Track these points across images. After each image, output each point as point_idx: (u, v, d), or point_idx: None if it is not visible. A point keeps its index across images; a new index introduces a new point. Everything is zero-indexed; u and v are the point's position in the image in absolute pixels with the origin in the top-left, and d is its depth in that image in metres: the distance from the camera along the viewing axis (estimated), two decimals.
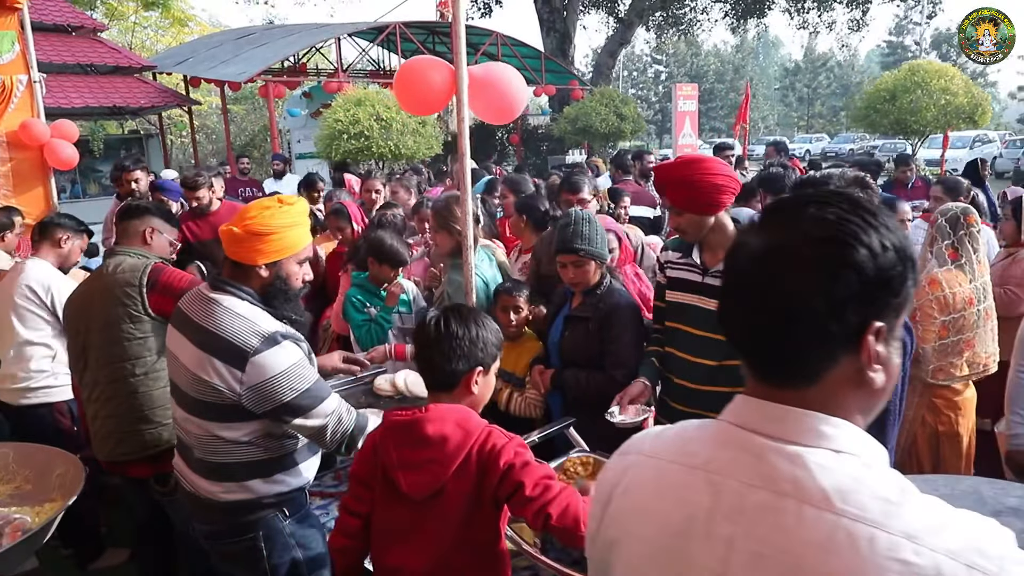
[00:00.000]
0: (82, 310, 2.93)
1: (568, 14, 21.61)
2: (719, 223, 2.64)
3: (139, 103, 14.33)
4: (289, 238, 2.18)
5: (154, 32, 28.66)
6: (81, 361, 2.96)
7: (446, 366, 1.81)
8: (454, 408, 1.80)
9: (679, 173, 2.58)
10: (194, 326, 2.14)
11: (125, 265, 2.90)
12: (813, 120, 53.59)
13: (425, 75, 3.15)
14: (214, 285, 2.19)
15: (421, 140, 10.60)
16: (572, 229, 2.94)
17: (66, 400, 3.68)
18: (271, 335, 2.07)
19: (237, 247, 2.15)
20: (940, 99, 10.16)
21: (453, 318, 1.83)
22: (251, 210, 2.15)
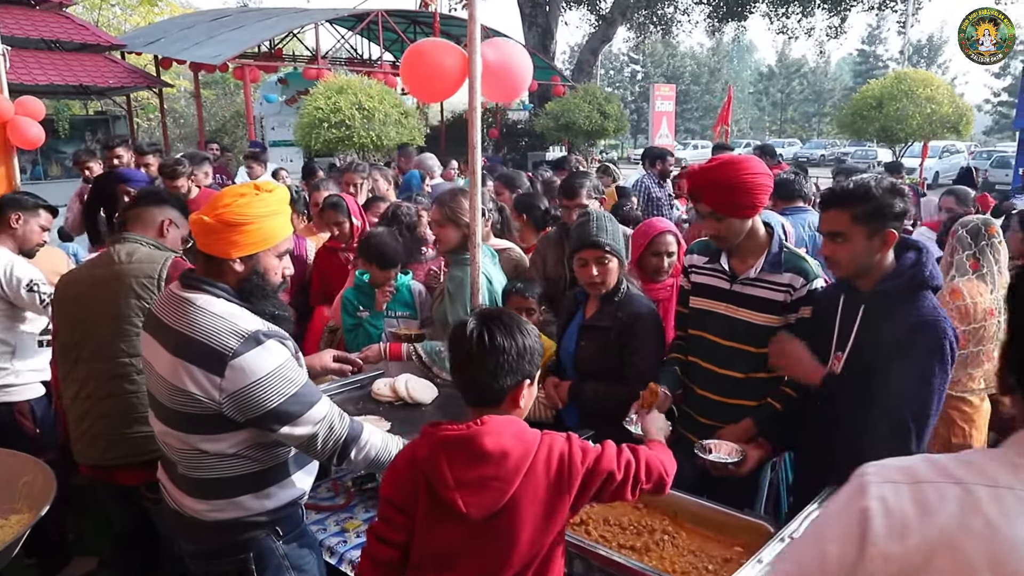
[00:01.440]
0: (83, 299, 2.66)
1: (551, 9, 21.47)
2: (753, 228, 2.49)
3: (107, 83, 13.82)
4: (267, 229, 1.96)
5: (122, 11, 27.86)
6: (73, 353, 2.68)
7: (493, 383, 1.62)
8: (508, 420, 1.63)
9: (720, 176, 2.41)
10: (167, 330, 1.92)
11: (141, 255, 2.65)
12: (786, 125, 54.28)
13: (436, 59, 2.95)
14: (186, 283, 1.96)
15: (404, 131, 10.35)
16: (595, 224, 2.76)
17: (28, 400, 3.40)
18: (252, 334, 1.85)
19: (209, 239, 1.92)
20: (926, 108, 10.23)
21: (497, 329, 1.63)
22: (224, 197, 1.93)
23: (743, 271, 2.53)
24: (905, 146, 11.08)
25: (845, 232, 2.15)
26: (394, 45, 17.89)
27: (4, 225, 3.43)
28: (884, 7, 20.54)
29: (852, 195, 2.15)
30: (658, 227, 3.31)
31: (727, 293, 2.58)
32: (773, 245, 2.50)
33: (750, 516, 2.20)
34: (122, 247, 2.67)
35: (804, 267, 2.46)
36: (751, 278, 2.51)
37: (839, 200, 2.17)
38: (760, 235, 2.51)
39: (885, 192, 2.13)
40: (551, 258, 3.77)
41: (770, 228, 2.55)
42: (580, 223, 2.84)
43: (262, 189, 1.96)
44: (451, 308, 3.25)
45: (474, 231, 3.11)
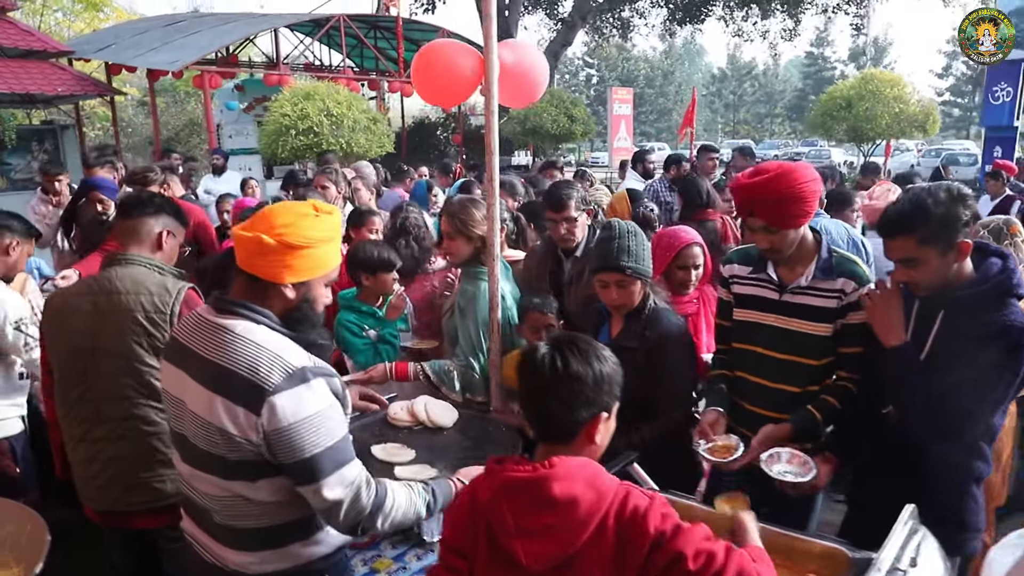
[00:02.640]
0: (85, 331, 2.38)
1: (510, 14, 21.40)
2: (803, 233, 2.39)
3: (55, 90, 13.18)
4: (324, 254, 1.79)
5: (64, 17, 26.86)
6: (76, 390, 2.41)
7: (567, 415, 1.47)
8: (582, 463, 1.46)
9: (773, 189, 2.28)
10: (198, 361, 1.72)
11: (149, 283, 2.39)
12: (739, 126, 55.28)
13: (451, 62, 2.78)
14: (221, 307, 1.76)
15: (373, 138, 10.10)
16: (616, 243, 2.60)
17: (7, 437, 3.10)
18: (298, 371, 1.65)
19: (262, 260, 1.72)
20: (894, 107, 10.43)
21: (572, 355, 1.47)
22: (282, 215, 1.73)
23: (792, 280, 2.42)
24: (873, 145, 11.30)
25: (916, 257, 2.05)
26: (353, 51, 17.55)
27: None
28: (838, 10, 21.01)
29: (912, 218, 2.03)
30: (684, 239, 3.17)
31: (777, 304, 2.46)
32: (822, 251, 2.40)
33: (824, 540, 2.07)
34: (123, 271, 2.41)
35: (856, 271, 2.36)
36: (802, 287, 2.40)
37: (901, 226, 2.05)
38: (808, 241, 2.40)
39: (945, 204, 2.02)
40: (536, 274, 3.60)
41: (817, 233, 2.45)
42: (602, 240, 2.67)
43: (321, 210, 1.78)
44: (461, 324, 3.08)
45: (492, 242, 2.94)
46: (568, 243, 3.32)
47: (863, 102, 10.61)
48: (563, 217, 3.26)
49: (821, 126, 11.49)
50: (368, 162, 9.83)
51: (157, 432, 2.38)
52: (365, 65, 18.51)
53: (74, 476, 2.50)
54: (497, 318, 2.97)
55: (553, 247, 3.46)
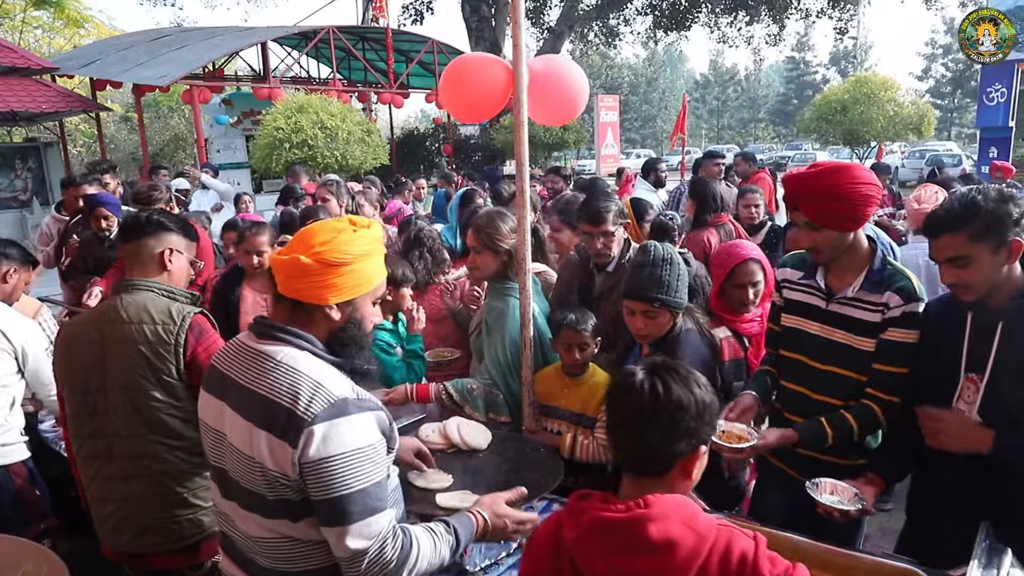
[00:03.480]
0: (92, 363, 2.25)
1: (497, 23, 21.36)
2: (855, 241, 2.30)
3: (39, 108, 13.00)
4: (368, 270, 1.69)
5: (44, 33, 26.58)
6: (87, 426, 2.28)
7: (666, 447, 1.36)
8: (678, 501, 1.36)
9: (821, 183, 2.21)
10: (238, 390, 1.61)
11: (153, 311, 2.25)
12: (723, 131, 55.65)
13: (480, 74, 2.69)
14: (261, 333, 1.66)
15: (368, 150, 9.99)
16: (649, 272, 2.50)
17: (23, 460, 2.97)
18: (339, 401, 1.53)
19: (302, 282, 1.62)
20: (889, 110, 10.46)
21: (673, 381, 1.38)
22: (319, 233, 1.63)
23: (840, 289, 2.33)
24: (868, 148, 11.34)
25: (967, 255, 1.96)
26: (341, 63, 17.45)
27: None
28: (822, 14, 21.17)
29: (963, 214, 1.96)
30: (739, 254, 2.96)
31: (822, 312, 2.38)
32: (875, 261, 2.30)
33: (893, 560, 1.98)
34: (129, 298, 2.28)
35: (905, 285, 2.25)
36: (848, 297, 2.32)
37: (950, 223, 1.98)
38: (862, 250, 2.31)
39: (996, 201, 1.96)
40: (566, 286, 3.52)
41: (874, 243, 2.35)
42: (637, 266, 2.56)
43: (359, 224, 1.67)
44: (488, 342, 2.97)
45: (523, 256, 2.85)
46: (603, 258, 3.22)
47: (857, 105, 10.65)
48: (600, 231, 3.16)
49: (816, 130, 11.53)
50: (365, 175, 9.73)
51: (170, 471, 2.25)
52: (353, 77, 18.42)
53: (91, 513, 2.38)
54: (529, 335, 2.87)
55: (586, 259, 3.36)
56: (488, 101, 2.71)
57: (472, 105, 2.74)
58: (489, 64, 2.70)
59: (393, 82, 15.11)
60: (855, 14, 22.26)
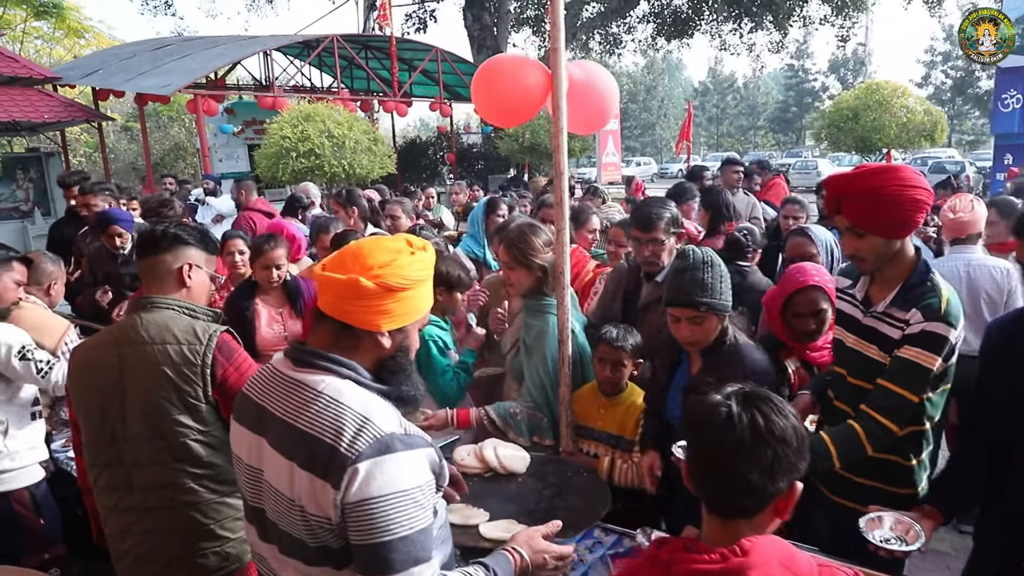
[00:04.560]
0: (112, 387, 2.10)
1: (499, 31, 21.32)
2: (900, 251, 2.16)
3: (42, 117, 12.86)
4: (422, 296, 1.57)
5: (45, 43, 26.51)
6: (105, 455, 2.13)
7: (765, 486, 1.23)
8: (774, 543, 1.23)
9: (866, 184, 2.08)
10: (276, 424, 1.47)
11: (176, 330, 2.11)
12: (722, 139, 55.66)
13: (516, 76, 2.56)
14: (301, 360, 1.51)
15: (375, 159, 9.87)
16: (690, 276, 2.36)
17: (27, 486, 2.83)
18: (386, 437, 1.38)
19: (356, 305, 1.47)
20: (901, 117, 10.37)
21: (772, 412, 1.24)
22: (378, 253, 1.49)
23: (879, 300, 2.21)
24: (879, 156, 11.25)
25: None
26: (344, 71, 17.36)
27: None
28: (825, 22, 21.15)
29: None
30: (797, 280, 2.74)
31: (859, 325, 2.27)
32: (913, 275, 2.15)
33: None
34: (149, 317, 2.13)
35: (932, 304, 2.07)
36: (879, 311, 2.19)
37: None
38: (905, 261, 2.17)
39: None
40: (610, 295, 3.39)
41: (919, 255, 2.21)
42: (677, 272, 2.43)
43: (415, 245, 1.54)
44: (528, 362, 2.83)
45: (561, 270, 2.71)
46: (652, 267, 3.09)
47: (869, 112, 10.55)
48: (649, 238, 3.02)
49: (827, 137, 11.43)
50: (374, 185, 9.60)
51: (196, 501, 2.10)
52: (355, 86, 18.33)
53: (109, 547, 2.22)
54: (568, 352, 2.73)
55: (636, 267, 3.23)
56: (524, 105, 2.58)
57: (507, 109, 2.61)
58: (526, 66, 2.58)
59: (397, 90, 15.01)
60: (857, 22, 22.27)
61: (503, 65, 2.64)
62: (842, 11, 20.26)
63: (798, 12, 20.37)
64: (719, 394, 1.29)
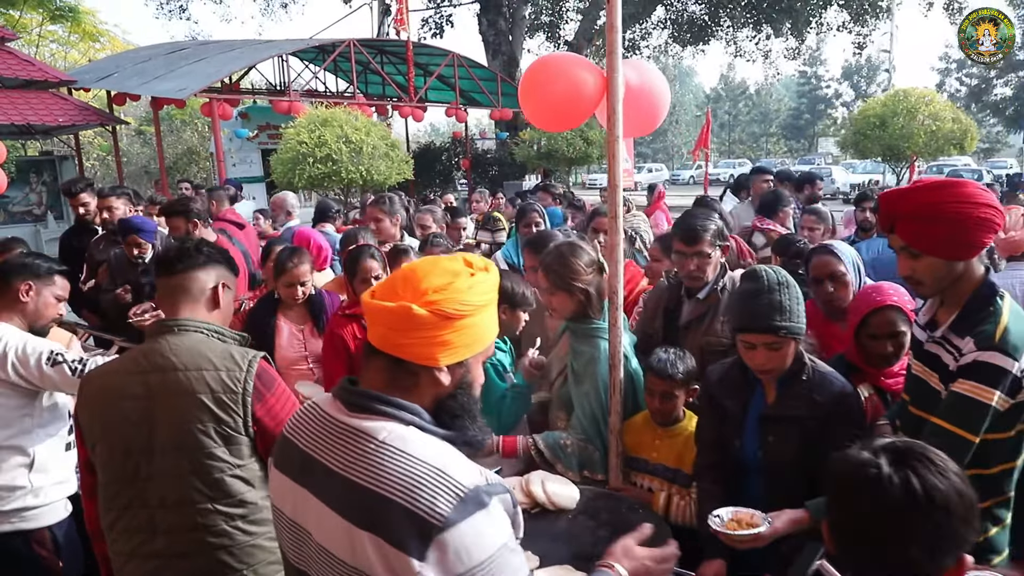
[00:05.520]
0: (135, 419, 1.91)
1: (514, 37, 21.20)
2: (966, 273, 1.96)
3: (56, 121, 12.80)
4: (484, 324, 1.36)
5: (60, 47, 26.59)
6: (126, 494, 1.93)
7: (929, 562, 1.03)
8: None
9: (922, 201, 1.89)
10: (330, 478, 1.28)
11: (211, 355, 1.93)
12: (734, 146, 55.38)
13: (569, 78, 2.37)
14: (354, 402, 1.31)
15: (392, 165, 9.71)
16: (767, 299, 2.14)
17: (48, 526, 2.62)
18: (471, 493, 1.20)
19: (410, 336, 1.28)
20: (930, 125, 10.14)
21: (931, 473, 1.04)
22: (432, 276, 1.30)
23: (944, 322, 2.02)
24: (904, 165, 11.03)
25: None
26: (359, 76, 17.25)
27: (11, 298, 2.66)
28: (843, 28, 20.94)
29: None
30: (874, 301, 2.54)
31: (921, 350, 2.09)
32: (973, 299, 1.95)
33: None
34: (178, 340, 1.94)
35: (987, 331, 1.88)
36: (937, 337, 2.01)
37: None
38: (969, 283, 1.97)
39: None
40: (651, 312, 3.19)
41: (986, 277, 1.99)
42: (748, 294, 2.20)
43: (475, 265, 1.34)
44: (577, 391, 2.62)
45: (615, 289, 2.52)
46: (696, 282, 2.89)
47: (897, 120, 10.32)
48: (694, 251, 2.82)
49: (855, 145, 11.19)
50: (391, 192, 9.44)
51: (228, 545, 1.91)
52: (370, 91, 18.22)
53: None
54: (619, 377, 2.53)
55: (677, 284, 3.04)
56: (576, 109, 2.40)
57: (558, 113, 2.42)
58: (580, 67, 2.39)
59: (413, 95, 14.88)
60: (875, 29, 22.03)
61: (555, 65, 2.45)
62: (860, 18, 20.03)
63: (817, 19, 20.16)
64: (866, 450, 1.09)
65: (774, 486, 2.23)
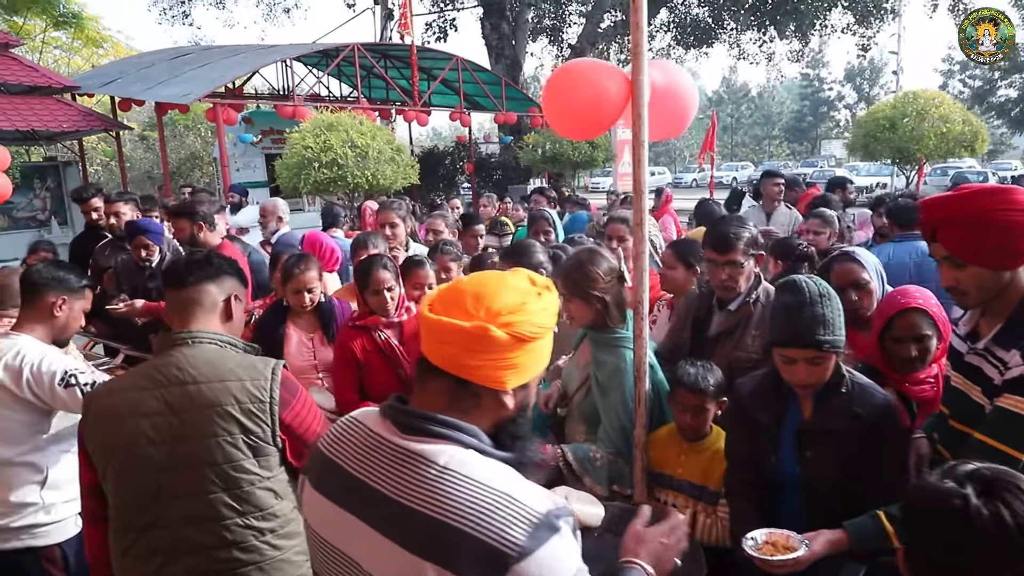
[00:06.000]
0: (157, 436, 1.82)
1: (517, 41, 21.16)
2: (1013, 282, 1.88)
3: (60, 127, 12.78)
4: (548, 344, 1.31)
5: (63, 53, 26.60)
6: (145, 517, 1.84)
7: None
8: None
9: (967, 208, 1.82)
10: (382, 504, 1.20)
11: (233, 366, 1.87)
12: (737, 148, 55.30)
13: (595, 84, 2.30)
14: (408, 425, 1.24)
15: (399, 169, 9.65)
16: (810, 313, 2.04)
17: (59, 543, 2.55)
18: (543, 518, 1.13)
19: (480, 358, 1.21)
20: (940, 128, 10.06)
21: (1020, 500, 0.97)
22: (504, 294, 1.23)
23: (986, 334, 1.95)
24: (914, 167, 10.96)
25: None
26: (362, 81, 17.22)
27: (41, 310, 2.61)
28: (847, 31, 20.88)
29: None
30: (899, 303, 2.46)
31: (962, 362, 2.01)
32: (1022, 309, 1.88)
33: None
34: (193, 353, 1.88)
35: None
36: (979, 349, 1.94)
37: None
38: (1017, 293, 1.89)
39: None
40: (680, 321, 3.11)
41: None
42: (789, 307, 2.09)
43: (538, 283, 1.28)
44: (604, 403, 2.54)
45: (640, 299, 2.44)
46: (728, 292, 2.81)
47: (907, 122, 10.24)
48: (726, 260, 2.74)
49: (864, 147, 11.11)
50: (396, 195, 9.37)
51: (259, 561, 1.84)
52: (373, 95, 18.18)
53: None
54: (644, 389, 2.45)
55: (707, 294, 2.96)
56: (602, 116, 2.32)
57: (583, 120, 2.35)
58: (606, 73, 2.32)
59: (418, 99, 14.83)
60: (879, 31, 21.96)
61: (580, 71, 2.38)
62: (865, 20, 19.96)
63: (821, 21, 20.11)
64: (949, 478, 1.02)
65: (812, 502, 2.16)
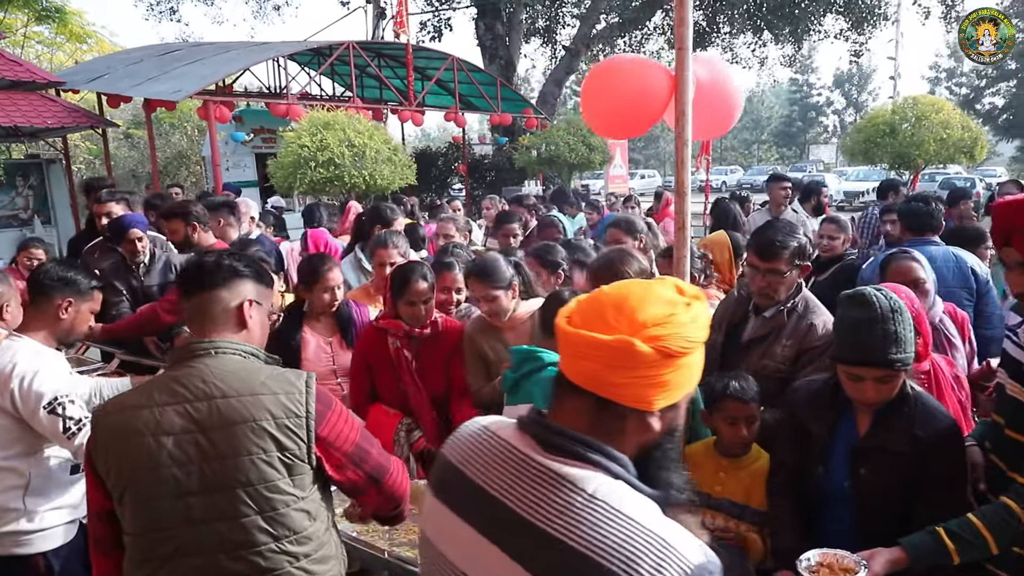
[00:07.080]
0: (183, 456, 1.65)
1: (511, 42, 21.03)
2: None
3: (45, 123, 12.47)
4: (700, 359, 1.19)
5: (46, 48, 26.16)
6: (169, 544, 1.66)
7: None
8: None
9: None
10: (518, 525, 1.10)
11: (264, 378, 1.72)
12: (726, 153, 55.46)
13: (638, 81, 2.16)
14: (553, 444, 1.14)
15: (396, 170, 9.49)
16: (882, 330, 1.92)
17: (44, 552, 2.43)
18: (697, 570, 1.03)
19: (626, 375, 1.10)
20: (939, 133, 10.07)
21: None
22: (649, 305, 1.12)
23: None
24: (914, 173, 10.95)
25: None
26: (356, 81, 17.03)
27: (48, 313, 2.53)
28: (840, 36, 20.94)
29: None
30: None
31: (1020, 370, 1.94)
32: None
33: None
34: (217, 364, 1.72)
35: None
36: None
37: None
38: None
39: None
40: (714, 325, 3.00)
41: None
42: (858, 323, 1.97)
43: (687, 293, 1.17)
44: None
45: None
46: (766, 300, 2.70)
47: (907, 127, 10.24)
48: (768, 268, 2.62)
49: (863, 153, 11.09)
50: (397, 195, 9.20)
51: None
52: (366, 95, 17.98)
53: None
54: None
55: (745, 298, 2.85)
56: (644, 115, 2.19)
57: (625, 119, 2.22)
58: (650, 69, 2.18)
59: (412, 99, 14.66)
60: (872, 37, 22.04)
61: (620, 68, 2.24)
62: (859, 25, 20.01)
63: (816, 26, 20.15)
64: None
65: (864, 519, 2.06)
